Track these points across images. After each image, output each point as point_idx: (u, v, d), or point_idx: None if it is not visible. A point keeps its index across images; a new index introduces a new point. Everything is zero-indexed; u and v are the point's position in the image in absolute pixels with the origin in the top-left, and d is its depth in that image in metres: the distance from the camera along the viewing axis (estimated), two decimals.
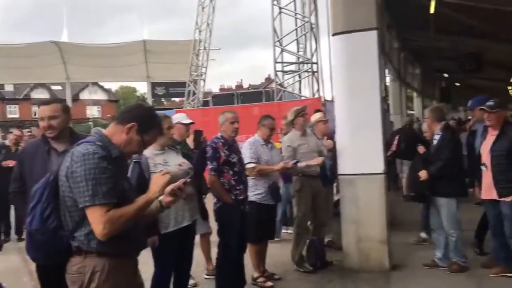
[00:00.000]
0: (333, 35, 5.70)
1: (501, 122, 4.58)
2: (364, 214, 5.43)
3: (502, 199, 4.55)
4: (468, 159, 5.76)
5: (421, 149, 5.60)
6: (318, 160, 5.35)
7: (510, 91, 37.49)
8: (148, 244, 3.38)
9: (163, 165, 3.69)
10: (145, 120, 2.42)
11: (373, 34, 5.46)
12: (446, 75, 32.41)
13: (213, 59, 25.55)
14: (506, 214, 4.61)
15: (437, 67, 30.75)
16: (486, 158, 4.66)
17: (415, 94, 31.52)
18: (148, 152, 3.58)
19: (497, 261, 4.91)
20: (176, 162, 3.83)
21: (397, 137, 9.56)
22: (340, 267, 5.52)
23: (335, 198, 6.81)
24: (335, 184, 6.64)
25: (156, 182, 2.33)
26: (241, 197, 4.49)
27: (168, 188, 2.34)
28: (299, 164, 5.22)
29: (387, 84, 22.63)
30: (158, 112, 2.72)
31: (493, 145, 4.51)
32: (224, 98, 15.05)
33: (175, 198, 2.38)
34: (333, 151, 5.90)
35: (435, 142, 5.34)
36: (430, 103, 34.29)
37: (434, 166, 5.17)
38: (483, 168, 4.73)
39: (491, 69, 26.21)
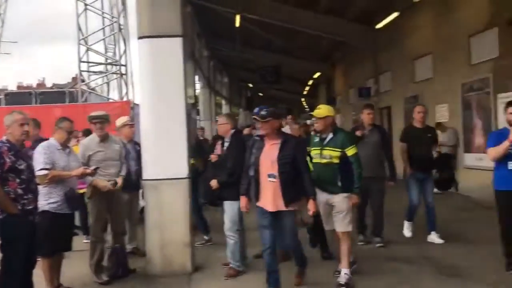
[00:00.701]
0: (139, 38, 5.62)
1: (276, 131, 4.53)
2: (168, 218, 5.45)
3: (288, 208, 4.42)
4: None
5: (213, 157, 5.77)
6: (105, 187, 5.17)
7: (303, 102, 42.54)
8: None
9: None
10: None
11: (178, 41, 5.55)
12: (251, 85, 35.08)
13: (7, 53, 22.80)
14: (286, 224, 4.49)
15: (243, 77, 33.10)
16: (272, 168, 4.42)
17: (224, 101, 33.22)
18: None
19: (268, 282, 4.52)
20: None
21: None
22: (143, 274, 5.44)
23: (142, 204, 6.70)
24: (141, 190, 6.53)
25: None
26: (29, 207, 4.06)
27: None
28: (90, 178, 5.09)
29: (197, 90, 23.40)
30: None
31: (279, 154, 4.42)
32: (20, 96, 13.42)
33: None
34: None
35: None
36: (238, 110, 36.62)
37: (222, 174, 5.31)
38: (271, 179, 4.42)
39: (288, 82, 29.36)
